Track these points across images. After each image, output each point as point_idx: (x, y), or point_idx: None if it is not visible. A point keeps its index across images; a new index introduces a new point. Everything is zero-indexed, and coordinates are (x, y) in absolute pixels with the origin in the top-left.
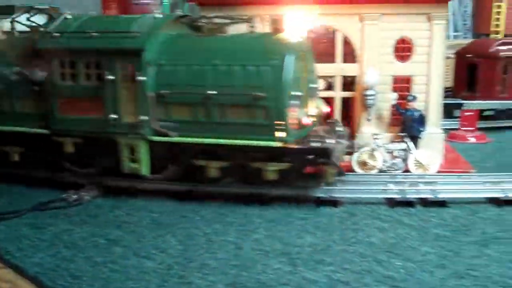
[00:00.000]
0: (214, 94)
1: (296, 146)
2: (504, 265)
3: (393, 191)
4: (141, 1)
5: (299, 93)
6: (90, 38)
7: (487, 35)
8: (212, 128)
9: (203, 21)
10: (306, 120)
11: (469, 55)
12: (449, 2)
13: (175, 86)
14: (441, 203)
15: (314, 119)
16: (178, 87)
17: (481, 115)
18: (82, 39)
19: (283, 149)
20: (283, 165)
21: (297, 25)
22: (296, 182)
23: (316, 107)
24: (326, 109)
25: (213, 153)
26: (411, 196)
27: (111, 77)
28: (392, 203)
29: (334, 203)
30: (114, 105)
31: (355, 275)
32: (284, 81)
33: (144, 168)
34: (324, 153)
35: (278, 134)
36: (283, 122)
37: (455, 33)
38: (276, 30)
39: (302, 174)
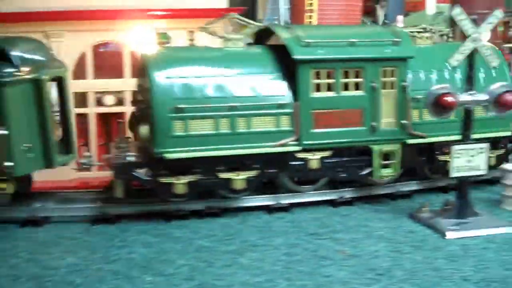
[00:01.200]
0: None
1: None
2: (251, 272)
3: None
4: None
5: None
6: (352, 47)
7: None
8: (458, 126)
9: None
10: None
11: None
12: None
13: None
14: (214, 214)
15: None
16: None
17: None
18: (343, 48)
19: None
20: (500, 151)
21: None
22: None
23: None
24: None
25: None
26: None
27: (375, 84)
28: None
29: None
30: (375, 113)
31: None
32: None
33: (396, 173)
34: None
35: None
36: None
37: None
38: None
39: None
